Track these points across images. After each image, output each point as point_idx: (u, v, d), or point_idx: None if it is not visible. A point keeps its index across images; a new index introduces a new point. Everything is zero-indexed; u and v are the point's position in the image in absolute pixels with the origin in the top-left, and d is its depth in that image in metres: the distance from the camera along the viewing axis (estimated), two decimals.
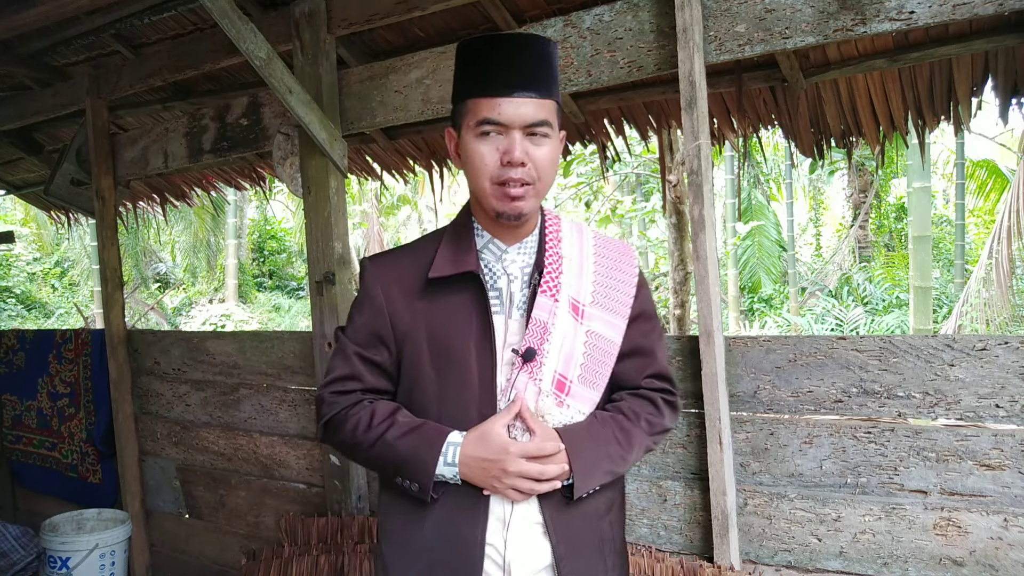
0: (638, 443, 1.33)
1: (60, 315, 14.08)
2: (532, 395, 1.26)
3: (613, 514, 1.37)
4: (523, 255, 1.33)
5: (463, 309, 1.28)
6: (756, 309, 12.20)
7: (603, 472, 1.29)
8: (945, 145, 13.32)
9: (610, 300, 1.34)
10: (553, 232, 1.35)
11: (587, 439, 1.28)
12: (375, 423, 1.28)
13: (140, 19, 2.82)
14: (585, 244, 1.37)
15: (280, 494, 2.96)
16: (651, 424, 1.36)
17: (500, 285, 1.31)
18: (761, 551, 1.97)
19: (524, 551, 1.28)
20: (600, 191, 9.37)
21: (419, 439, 1.25)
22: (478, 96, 1.21)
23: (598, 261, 1.36)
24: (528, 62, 1.22)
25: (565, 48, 2.18)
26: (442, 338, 1.29)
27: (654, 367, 1.39)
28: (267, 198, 6.07)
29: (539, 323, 1.27)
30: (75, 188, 3.56)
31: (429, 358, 1.29)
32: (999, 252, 6.01)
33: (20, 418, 3.93)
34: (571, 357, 1.29)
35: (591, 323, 1.31)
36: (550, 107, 1.23)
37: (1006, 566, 1.69)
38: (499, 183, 1.22)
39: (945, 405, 1.75)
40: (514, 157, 1.19)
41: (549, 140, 1.24)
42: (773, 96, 2.54)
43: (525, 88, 1.20)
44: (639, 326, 1.37)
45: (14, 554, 3.49)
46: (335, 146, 2.51)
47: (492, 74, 1.21)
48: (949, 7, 1.70)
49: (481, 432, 1.24)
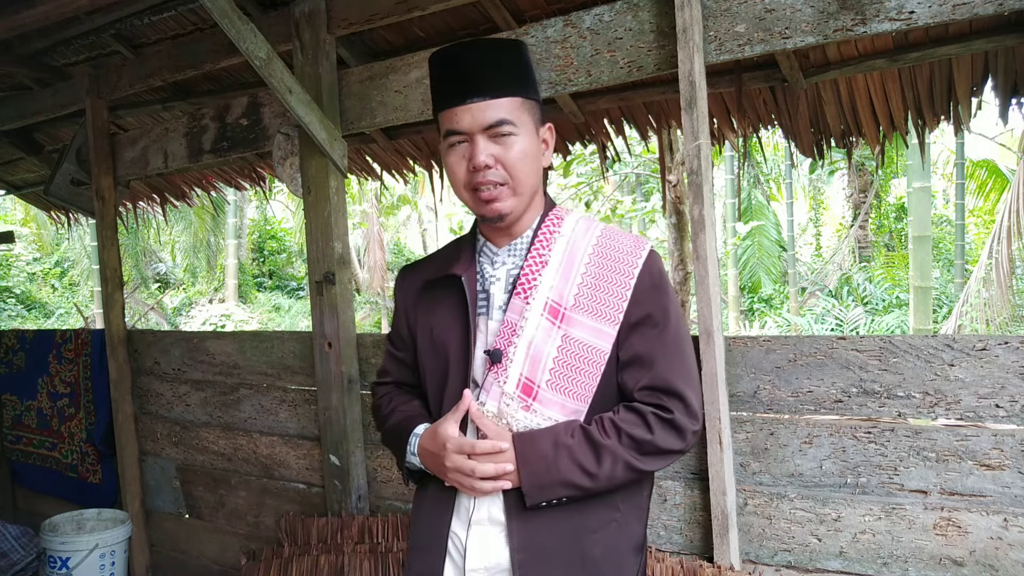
0: (610, 459, 1.21)
1: (60, 315, 14.08)
2: (496, 396, 1.26)
3: (609, 533, 1.28)
4: (512, 257, 1.34)
5: (450, 311, 1.35)
6: (756, 309, 12.20)
7: (560, 484, 1.22)
8: (945, 145, 13.33)
9: (597, 304, 1.26)
10: (546, 232, 1.32)
11: (544, 445, 1.22)
12: (385, 412, 1.46)
13: (140, 19, 2.82)
14: (584, 243, 1.30)
15: (280, 494, 2.96)
16: (635, 441, 1.22)
17: (488, 287, 1.34)
18: (761, 551, 1.97)
19: (481, 547, 1.29)
20: (600, 191, 9.37)
21: (400, 430, 1.39)
22: (441, 110, 1.27)
23: (592, 261, 1.29)
24: (476, 66, 1.24)
25: (565, 48, 2.18)
26: (437, 337, 1.37)
27: (651, 378, 1.26)
28: (267, 198, 6.08)
29: (509, 324, 1.27)
30: (75, 188, 3.56)
31: (429, 355, 1.39)
32: (999, 252, 6.01)
33: (20, 418, 3.93)
34: (539, 361, 1.24)
35: (571, 328, 1.25)
36: (510, 105, 1.23)
37: (1006, 566, 1.69)
38: (473, 189, 1.26)
39: (945, 405, 1.75)
40: (477, 162, 1.23)
41: (517, 137, 1.24)
42: (773, 96, 2.54)
43: (476, 93, 1.22)
44: (641, 331, 1.27)
45: (14, 554, 3.49)
46: (335, 146, 2.51)
47: (445, 86, 1.26)
48: (949, 7, 1.70)
49: (434, 427, 1.31)
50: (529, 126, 1.26)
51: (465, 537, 1.31)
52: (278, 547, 2.55)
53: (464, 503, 1.32)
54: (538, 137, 1.30)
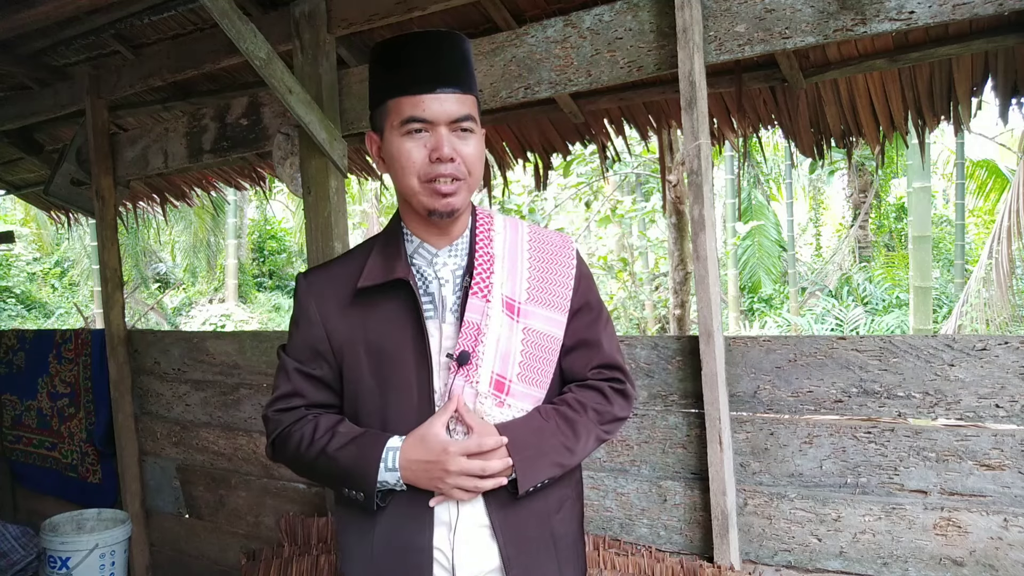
0: (585, 433, 1.30)
1: (60, 315, 14.08)
2: (470, 398, 1.25)
3: (565, 511, 1.35)
4: (454, 257, 1.31)
5: (396, 317, 1.28)
6: (756, 309, 12.20)
7: (548, 465, 1.27)
8: (945, 145, 13.32)
9: (547, 295, 1.32)
10: (484, 231, 1.33)
11: (528, 432, 1.26)
12: (317, 437, 1.27)
13: (140, 19, 2.82)
14: (520, 240, 1.35)
15: (280, 494, 2.96)
16: (600, 413, 1.33)
17: (432, 290, 1.30)
18: (761, 551, 1.97)
19: (471, 554, 1.27)
20: (600, 191, 9.37)
21: (359, 448, 1.24)
22: (400, 95, 1.21)
23: (533, 256, 1.34)
24: (449, 58, 1.23)
25: (565, 48, 2.18)
26: (378, 347, 1.28)
27: (600, 357, 1.37)
28: (267, 198, 6.07)
29: (472, 325, 1.26)
30: (75, 188, 3.56)
31: (368, 368, 1.29)
32: (999, 252, 6.00)
33: (20, 418, 3.93)
34: (508, 356, 1.27)
35: (528, 320, 1.30)
36: (472, 102, 1.24)
37: (1006, 566, 1.69)
38: (428, 180, 1.22)
39: (945, 405, 1.75)
40: (443, 153, 1.20)
41: (474, 135, 1.24)
42: (773, 96, 2.54)
43: (448, 84, 1.20)
44: (582, 318, 1.36)
45: (14, 554, 3.49)
46: (335, 146, 2.51)
47: (414, 72, 1.21)
48: (949, 7, 1.70)
49: (420, 435, 1.23)
50: (479, 126, 1.27)
51: (451, 550, 1.27)
52: (278, 547, 2.55)
53: (443, 515, 1.27)
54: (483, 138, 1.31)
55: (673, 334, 4.87)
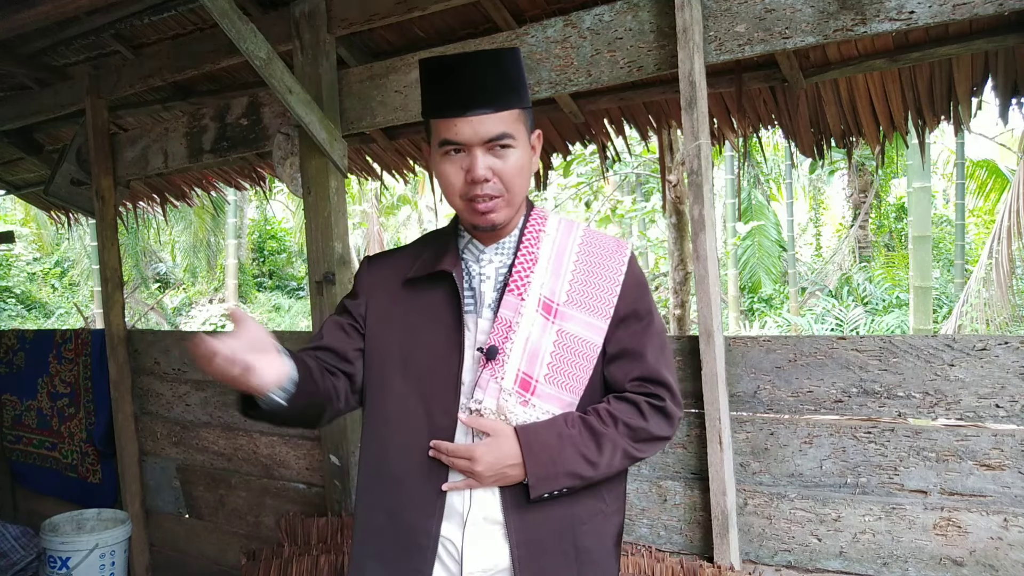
0: (611, 447, 1.26)
1: (60, 315, 14.08)
2: (494, 393, 1.26)
3: (596, 524, 1.32)
4: (500, 255, 1.34)
5: (436, 308, 1.32)
6: (756, 309, 12.19)
7: (564, 474, 1.24)
8: (945, 145, 13.32)
9: (589, 299, 1.31)
10: (533, 232, 1.34)
11: (546, 437, 1.25)
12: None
13: (140, 19, 2.82)
14: (570, 242, 1.35)
15: (280, 494, 2.96)
16: (631, 429, 1.28)
17: (475, 285, 1.33)
18: (761, 551, 1.97)
19: (481, 550, 1.27)
20: (600, 191, 9.37)
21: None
22: (438, 117, 1.24)
23: (580, 259, 1.34)
24: (480, 79, 1.22)
25: (565, 48, 2.18)
26: (414, 335, 1.32)
27: (641, 370, 1.32)
28: (267, 198, 6.07)
29: (504, 321, 1.28)
30: (75, 188, 3.56)
31: (400, 354, 1.33)
32: (999, 252, 6.01)
33: (20, 418, 3.93)
34: (536, 355, 1.27)
35: (564, 323, 1.30)
36: (510, 117, 1.23)
37: (1006, 566, 1.69)
38: (468, 200, 1.24)
39: (945, 405, 1.75)
40: (476, 175, 1.21)
41: (514, 150, 1.24)
42: (773, 96, 2.54)
43: (480, 105, 1.21)
44: (628, 327, 1.33)
45: (14, 554, 3.49)
46: (335, 146, 2.51)
47: (446, 96, 1.23)
48: (949, 7, 1.70)
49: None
50: (524, 136, 1.27)
51: (461, 540, 1.27)
52: (278, 547, 2.55)
53: (456, 507, 1.29)
54: (530, 145, 1.31)
55: (673, 334, 4.87)
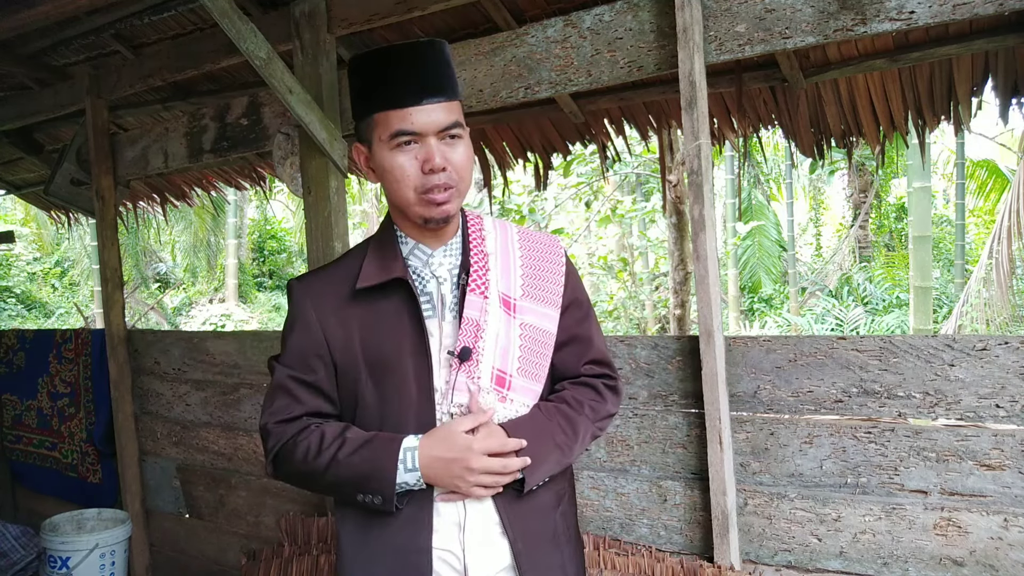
0: (583, 431, 1.34)
1: (60, 315, 14.07)
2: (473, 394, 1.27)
3: (564, 505, 1.39)
4: (449, 257, 1.33)
5: (395, 316, 1.28)
6: (756, 309, 12.19)
7: (552, 463, 1.30)
8: (945, 145, 13.32)
9: (541, 291, 1.36)
10: (476, 231, 1.36)
11: (536, 431, 1.29)
12: (325, 445, 1.24)
13: (140, 19, 2.82)
14: (510, 239, 1.38)
15: (280, 494, 2.96)
16: (595, 411, 1.37)
17: (430, 289, 1.31)
18: (761, 551, 1.97)
19: (483, 554, 1.28)
20: (600, 191, 9.37)
21: (374, 452, 1.22)
22: (387, 108, 1.21)
23: (524, 255, 1.37)
24: (431, 68, 1.23)
25: (565, 48, 2.18)
26: (377, 348, 1.27)
27: (592, 353, 1.41)
28: (267, 198, 6.06)
29: (471, 322, 1.27)
30: (75, 188, 3.56)
31: (366, 369, 1.28)
32: (999, 252, 6.00)
33: (20, 418, 3.93)
34: (508, 351, 1.30)
35: (524, 316, 1.33)
36: (458, 107, 1.25)
37: (1006, 566, 1.69)
38: (424, 191, 1.22)
39: (945, 405, 1.75)
40: (435, 164, 1.20)
41: (462, 140, 1.25)
42: (773, 96, 2.54)
43: (432, 94, 1.21)
44: (572, 314, 1.39)
45: (14, 554, 3.49)
46: (335, 146, 2.51)
47: (398, 86, 1.21)
48: (949, 7, 1.70)
49: (443, 433, 1.23)
50: (466, 129, 1.28)
51: (462, 550, 1.27)
52: (278, 547, 2.55)
53: (452, 515, 1.28)
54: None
55: (673, 334, 4.87)
